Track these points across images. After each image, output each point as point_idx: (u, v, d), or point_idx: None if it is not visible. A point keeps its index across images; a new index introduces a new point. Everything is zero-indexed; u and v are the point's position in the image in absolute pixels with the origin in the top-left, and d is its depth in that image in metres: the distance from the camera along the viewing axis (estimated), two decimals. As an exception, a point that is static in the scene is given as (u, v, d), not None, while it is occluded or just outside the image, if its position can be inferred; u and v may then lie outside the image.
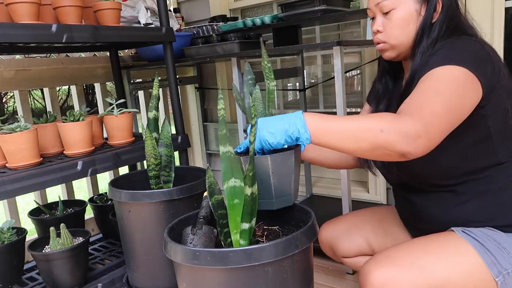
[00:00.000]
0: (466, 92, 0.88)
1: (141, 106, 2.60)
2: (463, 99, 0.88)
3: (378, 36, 1.06)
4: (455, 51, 0.92)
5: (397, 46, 1.05)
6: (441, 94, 0.85)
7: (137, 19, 1.99)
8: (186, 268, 0.84)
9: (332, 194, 2.44)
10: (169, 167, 1.37)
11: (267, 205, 0.92)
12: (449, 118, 0.85)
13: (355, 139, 0.82)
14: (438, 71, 0.90)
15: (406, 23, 1.02)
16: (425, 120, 0.81)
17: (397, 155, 0.81)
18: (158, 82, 1.40)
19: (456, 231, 0.99)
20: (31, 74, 1.95)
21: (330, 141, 0.84)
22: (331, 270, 1.80)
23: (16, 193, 1.24)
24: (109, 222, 1.85)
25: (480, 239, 0.94)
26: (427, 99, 0.85)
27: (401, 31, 1.02)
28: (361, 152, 0.84)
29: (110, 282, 1.51)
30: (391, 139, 0.79)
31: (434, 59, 0.93)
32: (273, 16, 2.05)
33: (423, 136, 0.80)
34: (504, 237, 0.95)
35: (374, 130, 0.80)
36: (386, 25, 1.04)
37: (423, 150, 0.81)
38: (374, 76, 2.10)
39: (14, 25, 1.28)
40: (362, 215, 1.31)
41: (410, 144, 0.79)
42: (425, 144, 0.80)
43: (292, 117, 0.85)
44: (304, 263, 0.88)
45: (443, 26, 1.00)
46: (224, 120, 0.88)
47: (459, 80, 0.88)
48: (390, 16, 1.02)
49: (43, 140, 1.48)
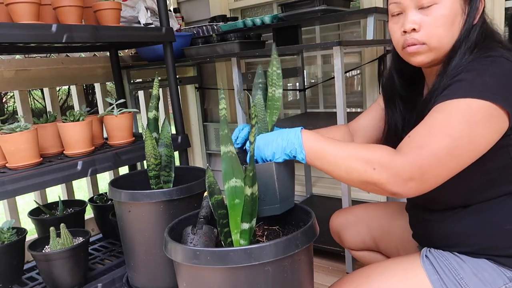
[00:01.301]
0: (483, 129, 0.77)
1: (141, 106, 2.60)
2: (477, 139, 0.77)
3: (415, 36, 0.87)
4: (478, 79, 0.79)
5: (438, 49, 0.87)
6: (449, 135, 0.76)
7: (137, 19, 1.99)
8: (186, 268, 0.84)
9: (332, 194, 2.44)
10: (169, 167, 1.37)
11: (273, 211, 0.92)
12: (452, 163, 0.77)
13: (346, 170, 0.80)
14: (454, 104, 0.78)
15: (450, 22, 0.85)
16: (422, 163, 0.75)
17: (386, 193, 0.78)
18: (158, 82, 1.40)
19: (422, 253, 0.96)
20: (31, 74, 1.95)
21: (322, 166, 0.83)
22: (331, 270, 1.80)
23: (16, 193, 1.24)
24: (109, 222, 1.85)
25: (437, 265, 0.92)
26: (432, 137, 0.76)
27: (446, 31, 0.86)
28: (351, 183, 0.82)
29: (110, 282, 1.51)
30: (382, 179, 0.76)
31: (453, 87, 0.81)
32: (273, 16, 2.05)
33: (416, 180, 0.75)
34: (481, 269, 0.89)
35: (366, 165, 0.78)
36: (426, 23, 0.86)
37: (414, 193, 0.77)
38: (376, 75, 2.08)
39: (14, 25, 1.28)
40: (373, 210, 1.29)
41: (400, 186, 0.76)
42: (417, 188, 0.76)
43: (291, 135, 0.85)
44: (304, 262, 0.88)
45: (482, 30, 0.87)
46: (225, 120, 0.88)
47: (477, 116, 0.76)
48: (431, 12, 0.85)
49: (43, 140, 1.48)
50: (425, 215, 1.00)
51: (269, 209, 0.91)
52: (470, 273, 0.88)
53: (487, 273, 0.87)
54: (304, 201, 2.42)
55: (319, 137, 0.85)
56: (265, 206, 0.91)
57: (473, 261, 0.89)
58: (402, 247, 1.17)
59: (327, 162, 0.83)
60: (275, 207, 0.91)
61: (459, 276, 0.88)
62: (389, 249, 1.22)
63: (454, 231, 0.93)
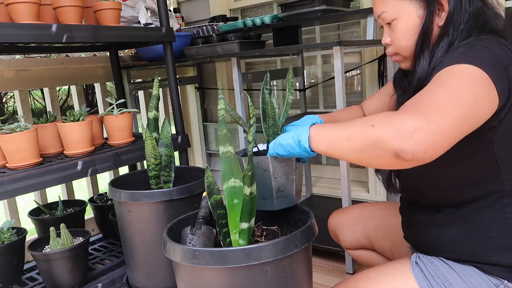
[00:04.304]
0: (482, 91, 0.73)
1: (141, 106, 2.60)
2: (477, 98, 0.72)
3: (388, 49, 0.99)
4: (471, 51, 0.81)
5: (409, 57, 0.96)
6: (450, 89, 0.72)
7: (137, 19, 1.99)
8: (185, 268, 0.85)
9: (332, 194, 2.44)
10: (169, 167, 1.37)
11: (269, 206, 0.92)
12: (458, 114, 0.69)
13: (346, 136, 0.74)
14: (450, 68, 0.77)
15: (411, 33, 0.92)
16: (427, 112, 0.67)
17: (391, 156, 0.67)
18: (158, 82, 1.40)
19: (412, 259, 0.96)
20: (31, 74, 1.95)
21: (328, 146, 0.79)
22: (331, 270, 1.80)
23: (16, 193, 1.24)
24: (109, 222, 1.86)
25: (426, 270, 0.92)
26: (433, 94, 0.72)
27: (408, 42, 0.93)
28: (353, 153, 0.74)
29: (110, 282, 1.51)
30: (383, 134, 0.67)
31: (446, 61, 0.81)
32: (273, 16, 2.05)
33: (422, 129, 0.65)
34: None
35: (366, 125, 0.71)
36: (392, 37, 0.96)
37: (422, 148, 0.65)
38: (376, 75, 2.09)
39: (14, 25, 1.28)
40: (369, 210, 1.30)
41: (404, 139, 0.65)
42: (424, 139, 0.65)
43: (299, 129, 0.84)
44: (303, 262, 0.88)
45: (459, 27, 0.88)
46: (224, 120, 0.88)
47: (474, 76, 0.74)
48: (394, 27, 0.94)
49: (43, 140, 1.48)
50: (415, 217, 1.01)
51: (266, 203, 0.92)
52: (459, 279, 0.88)
53: (474, 280, 0.87)
54: (304, 201, 2.41)
55: (328, 124, 0.83)
56: (262, 200, 0.91)
57: (461, 267, 0.90)
58: (395, 247, 1.19)
59: (331, 139, 0.78)
60: (271, 202, 0.91)
61: (448, 282, 0.89)
62: (383, 248, 1.23)
63: (440, 237, 0.94)
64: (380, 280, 0.95)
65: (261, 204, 0.91)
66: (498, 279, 0.86)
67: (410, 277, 0.93)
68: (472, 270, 0.89)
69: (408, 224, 1.06)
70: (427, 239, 0.97)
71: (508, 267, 0.86)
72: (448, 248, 0.92)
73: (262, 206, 0.92)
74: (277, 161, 0.88)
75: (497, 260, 0.87)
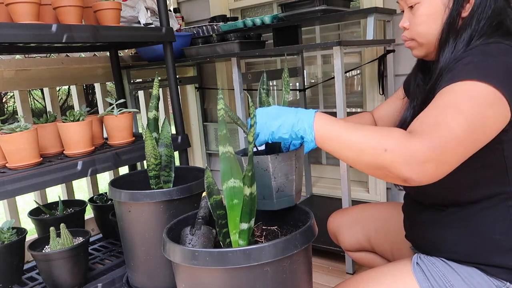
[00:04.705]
0: (491, 113, 0.75)
1: (141, 106, 2.60)
2: (487, 121, 0.75)
3: (405, 33, 0.97)
4: (484, 63, 0.79)
5: (426, 44, 0.94)
6: (462, 113, 0.72)
7: (137, 19, 1.99)
8: (185, 269, 0.84)
9: (332, 194, 2.44)
10: (169, 167, 1.37)
11: (269, 205, 0.92)
12: (469, 143, 0.73)
13: (357, 152, 0.76)
14: (460, 86, 0.77)
15: (432, 19, 0.90)
16: (441, 142, 0.70)
17: (398, 179, 0.72)
18: (158, 82, 1.40)
19: (413, 260, 0.96)
20: (31, 74, 1.95)
21: (334, 149, 0.79)
22: (331, 270, 1.80)
23: (16, 193, 1.24)
24: (109, 222, 1.86)
25: (427, 271, 0.91)
26: (445, 116, 0.72)
27: (427, 28, 0.91)
28: (361, 167, 0.77)
29: (110, 282, 1.51)
30: (395, 162, 0.70)
31: (458, 69, 0.80)
32: (273, 16, 2.05)
33: (434, 161, 0.69)
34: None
35: (378, 147, 0.72)
36: (412, 21, 0.94)
37: (429, 178, 0.70)
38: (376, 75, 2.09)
39: (14, 25, 1.28)
40: (369, 211, 1.30)
41: (415, 169, 0.69)
42: (434, 171, 0.70)
43: (303, 114, 0.82)
44: (303, 263, 0.88)
45: (480, 21, 0.87)
46: (224, 120, 0.88)
47: (483, 98, 0.75)
48: (415, 11, 0.92)
49: (43, 140, 1.48)
50: (418, 216, 1.01)
51: (265, 203, 0.91)
52: (460, 281, 0.88)
53: (476, 282, 0.87)
54: (304, 201, 2.41)
55: (333, 119, 0.81)
56: (262, 200, 0.91)
57: (463, 269, 0.89)
58: (396, 248, 1.18)
59: (338, 145, 0.79)
60: (271, 202, 0.91)
61: (450, 283, 0.88)
62: (383, 249, 1.22)
63: (443, 237, 0.93)
64: (381, 281, 0.95)
65: (261, 204, 0.91)
66: (500, 280, 0.86)
67: (411, 278, 0.92)
68: (474, 271, 0.88)
69: (410, 223, 1.06)
70: (429, 239, 0.97)
71: (511, 269, 0.86)
72: (451, 248, 0.92)
73: (262, 206, 0.92)
74: (277, 161, 0.88)
75: (499, 261, 0.86)
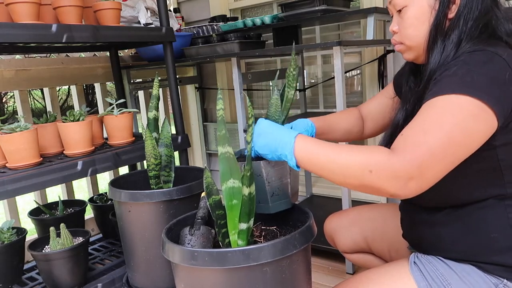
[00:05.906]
0: (475, 126, 0.77)
1: (141, 106, 2.60)
2: (469, 135, 0.77)
3: (394, 37, 0.98)
4: (468, 75, 0.79)
5: (415, 47, 0.94)
6: (443, 129, 0.76)
7: (137, 19, 1.99)
8: (184, 269, 0.85)
9: (332, 194, 2.44)
10: (169, 167, 1.37)
11: (265, 209, 0.92)
12: (448, 159, 0.76)
13: (343, 174, 0.79)
14: (444, 100, 0.78)
15: (419, 21, 0.91)
16: (420, 161, 0.74)
17: (386, 194, 0.78)
18: (158, 82, 1.40)
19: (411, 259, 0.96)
20: (31, 74, 1.96)
21: (318, 172, 0.83)
22: (331, 270, 1.80)
23: (16, 193, 1.24)
24: (109, 222, 1.86)
25: (425, 272, 0.92)
26: (426, 134, 0.76)
27: (415, 31, 0.92)
28: (350, 187, 0.82)
29: (110, 282, 1.52)
30: (380, 182, 0.75)
31: (444, 81, 0.81)
32: (273, 16, 2.05)
33: (416, 179, 0.74)
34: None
35: (363, 169, 0.77)
36: (400, 25, 0.95)
37: (415, 192, 0.76)
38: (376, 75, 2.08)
39: (14, 25, 1.28)
40: (366, 212, 1.30)
41: (400, 187, 0.75)
42: (416, 187, 0.75)
43: (285, 138, 0.84)
44: (302, 263, 0.88)
45: (468, 22, 0.87)
46: (223, 121, 0.88)
47: (467, 111, 0.76)
48: (403, 15, 0.93)
49: (43, 140, 1.48)
50: (416, 215, 1.01)
51: (261, 207, 0.92)
52: (457, 279, 0.88)
53: (473, 280, 0.87)
54: (304, 201, 2.41)
55: (314, 142, 0.83)
56: (258, 204, 0.91)
57: (460, 267, 0.89)
58: (393, 249, 1.18)
59: (321, 168, 0.82)
60: (267, 206, 0.91)
61: (447, 282, 0.88)
62: (381, 250, 1.22)
63: (441, 236, 0.93)
64: (380, 281, 0.95)
65: (257, 207, 0.92)
66: (497, 278, 0.86)
67: (408, 277, 0.92)
68: (471, 269, 0.88)
69: (407, 222, 1.06)
70: (426, 238, 0.97)
71: (508, 267, 0.86)
72: (448, 247, 0.92)
73: (258, 209, 0.92)
74: (270, 166, 0.89)
75: (497, 259, 0.87)
